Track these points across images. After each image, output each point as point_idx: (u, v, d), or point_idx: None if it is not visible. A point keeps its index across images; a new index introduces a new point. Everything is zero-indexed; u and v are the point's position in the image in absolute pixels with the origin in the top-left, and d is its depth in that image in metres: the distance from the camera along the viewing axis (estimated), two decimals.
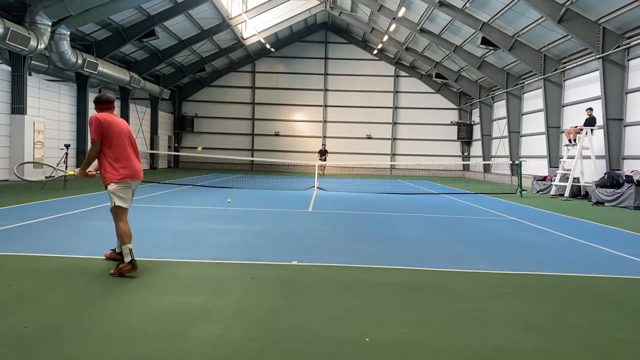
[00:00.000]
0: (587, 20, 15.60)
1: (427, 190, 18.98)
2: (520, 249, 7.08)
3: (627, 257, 6.64)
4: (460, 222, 9.91)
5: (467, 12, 20.47)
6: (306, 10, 29.25)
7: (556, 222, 10.10)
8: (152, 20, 21.75)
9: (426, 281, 5.07)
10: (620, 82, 15.60)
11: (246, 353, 3.12)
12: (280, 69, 34.59)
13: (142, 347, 3.16)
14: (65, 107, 21.34)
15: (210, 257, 5.86)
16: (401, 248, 6.92)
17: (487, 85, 28.43)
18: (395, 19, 24.33)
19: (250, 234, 7.67)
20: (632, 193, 13.33)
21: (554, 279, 5.33)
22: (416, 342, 3.39)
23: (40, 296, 4.17)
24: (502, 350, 3.29)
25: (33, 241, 6.43)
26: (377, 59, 34.10)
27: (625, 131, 15.68)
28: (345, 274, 5.29)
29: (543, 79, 20.11)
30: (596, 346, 3.43)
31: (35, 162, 16.31)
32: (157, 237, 7.14)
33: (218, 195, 14.18)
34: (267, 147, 34.31)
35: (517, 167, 18.95)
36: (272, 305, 4.12)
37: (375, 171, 34.10)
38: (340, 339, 3.39)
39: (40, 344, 3.17)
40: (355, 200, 13.74)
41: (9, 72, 17.26)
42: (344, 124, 34.18)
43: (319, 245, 6.93)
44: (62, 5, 15.63)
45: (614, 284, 5.22)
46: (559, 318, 3.99)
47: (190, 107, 34.72)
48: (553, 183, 17.49)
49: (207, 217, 9.47)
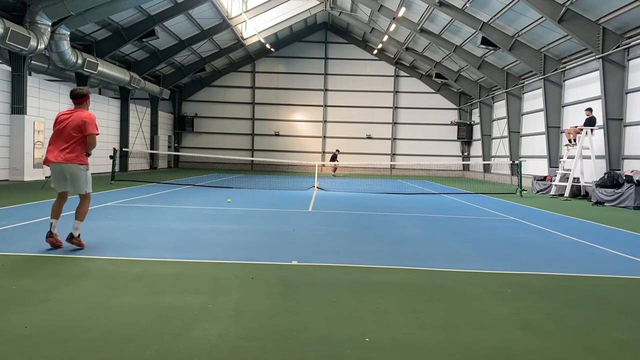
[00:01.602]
0: (587, 20, 15.60)
1: (427, 190, 18.98)
2: (520, 249, 7.08)
3: (627, 257, 6.64)
4: (460, 222, 9.90)
5: (467, 12, 20.47)
6: (306, 10, 29.26)
7: (556, 222, 10.10)
8: (152, 20, 21.75)
9: (426, 281, 5.07)
10: (620, 82, 15.60)
11: (246, 353, 3.12)
12: (280, 69, 34.59)
13: (142, 347, 3.16)
14: (65, 107, 21.28)
15: (210, 257, 5.86)
16: (401, 248, 6.92)
17: (487, 85, 28.43)
18: (395, 19, 24.33)
19: (250, 234, 7.67)
20: (632, 193, 13.33)
21: (554, 279, 5.33)
22: (416, 342, 3.39)
23: (40, 296, 4.17)
24: (502, 350, 3.29)
25: (33, 241, 6.42)
26: (377, 59, 34.11)
27: (625, 131, 15.68)
28: (345, 274, 5.29)
29: (543, 79, 20.11)
30: (596, 346, 3.42)
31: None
32: (157, 237, 7.14)
33: (218, 195, 14.18)
34: (267, 147, 34.31)
35: (517, 167, 18.96)
36: (272, 305, 4.12)
37: (375, 171, 34.10)
38: (340, 339, 3.39)
39: (40, 344, 3.17)
40: (355, 200, 13.73)
41: (9, 72, 17.26)
42: (344, 124, 34.19)
43: (318, 245, 6.93)
44: (62, 5, 15.62)
45: (614, 284, 5.22)
46: (559, 318, 3.99)
47: (190, 107, 34.73)
48: (553, 183, 17.50)
49: (207, 217, 9.47)
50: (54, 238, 5.89)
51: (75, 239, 5.92)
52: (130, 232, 7.48)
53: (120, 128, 26.19)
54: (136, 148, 27.61)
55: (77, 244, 5.92)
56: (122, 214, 9.42)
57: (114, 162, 18.31)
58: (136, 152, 27.65)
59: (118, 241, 6.69)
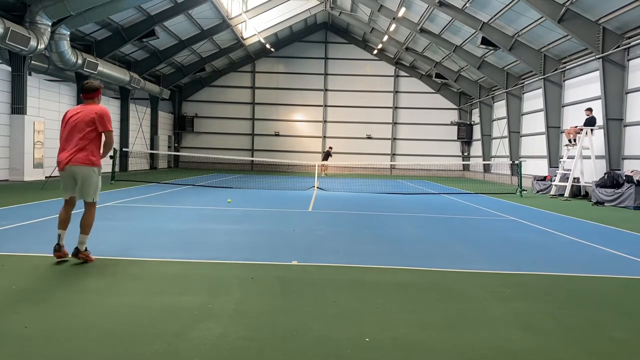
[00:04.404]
0: (587, 20, 15.60)
1: (427, 190, 18.98)
2: (520, 249, 7.08)
3: (627, 257, 6.64)
4: (460, 222, 9.90)
5: (467, 12, 20.47)
6: (306, 10, 29.26)
7: (556, 222, 10.10)
8: (152, 20, 21.76)
9: (426, 281, 5.07)
10: (620, 82, 15.60)
11: (246, 353, 3.12)
12: (280, 69, 34.59)
13: (142, 347, 3.16)
14: (65, 107, 21.31)
15: (210, 257, 5.86)
16: (401, 248, 6.92)
17: (487, 85, 28.43)
18: (395, 19, 24.33)
19: (250, 234, 7.67)
20: (632, 193, 13.33)
21: (554, 279, 5.33)
22: (416, 342, 3.39)
23: (40, 296, 4.17)
24: (502, 350, 3.29)
25: (33, 241, 6.43)
26: (377, 59, 34.11)
27: (625, 131, 15.68)
28: (345, 274, 5.29)
29: (543, 79, 20.12)
30: (596, 346, 3.42)
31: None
32: (157, 237, 7.14)
33: (218, 195, 14.18)
34: (267, 147, 34.31)
35: (517, 167, 18.96)
36: (272, 305, 4.12)
37: (375, 171, 34.10)
38: (340, 339, 3.39)
39: (40, 344, 3.17)
40: (355, 200, 13.73)
41: (9, 72, 17.26)
42: (344, 124, 34.19)
43: (319, 245, 6.93)
44: (62, 5, 15.62)
45: (614, 284, 5.21)
46: (559, 318, 3.99)
47: (190, 107, 34.73)
48: (553, 183, 17.50)
49: (207, 217, 9.47)
50: (62, 252, 5.32)
51: (82, 254, 5.36)
52: (130, 232, 7.48)
53: (120, 128, 26.19)
54: (136, 148, 27.60)
55: (84, 259, 5.36)
56: (122, 214, 9.42)
57: (114, 162, 18.31)
58: (136, 152, 27.65)
59: (118, 241, 6.68)
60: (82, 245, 5.36)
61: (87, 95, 5.47)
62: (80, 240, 5.35)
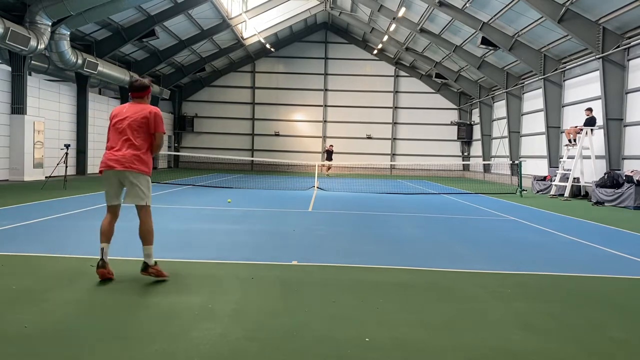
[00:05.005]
0: (587, 20, 15.60)
1: (427, 190, 18.98)
2: (520, 249, 7.08)
3: (627, 257, 6.64)
4: (460, 222, 9.90)
5: (467, 12, 20.47)
6: (306, 10, 29.26)
7: (556, 222, 10.10)
8: (152, 20, 21.76)
9: (426, 281, 5.07)
10: (620, 82, 15.60)
11: (246, 353, 3.12)
12: (280, 69, 34.59)
13: (142, 347, 3.16)
14: (65, 107, 21.33)
15: (210, 257, 5.86)
16: (401, 248, 6.92)
17: (487, 85, 28.43)
18: (395, 19, 24.33)
19: (251, 234, 7.67)
20: (632, 193, 13.32)
21: (554, 279, 5.33)
22: (416, 342, 3.39)
23: (40, 296, 4.16)
24: (502, 350, 3.28)
25: (33, 241, 6.42)
26: (377, 59, 34.11)
27: (625, 131, 15.68)
28: (345, 274, 5.29)
29: (543, 79, 20.11)
30: (596, 346, 3.42)
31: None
32: (157, 237, 7.07)
33: (218, 195, 14.18)
34: (267, 147, 34.31)
35: (517, 167, 18.95)
36: (272, 305, 4.12)
37: (375, 171, 34.10)
38: (340, 339, 3.39)
39: (40, 344, 3.17)
40: (355, 200, 13.73)
41: (9, 72, 17.26)
42: (344, 124, 34.18)
43: (319, 245, 6.93)
44: (62, 5, 15.63)
45: (614, 284, 5.21)
46: (559, 318, 3.99)
47: (190, 107, 34.73)
48: (553, 183, 17.50)
49: (207, 217, 9.47)
50: (106, 269, 4.67)
51: (152, 269, 4.72)
52: (130, 232, 7.46)
53: None
54: None
55: (155, 275, 4.72)
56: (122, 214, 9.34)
57: None
58: None
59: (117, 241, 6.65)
60: (149, 258, 4.76)
61: (138, 94, 5.06)
62: (146, 253, 4.79)
